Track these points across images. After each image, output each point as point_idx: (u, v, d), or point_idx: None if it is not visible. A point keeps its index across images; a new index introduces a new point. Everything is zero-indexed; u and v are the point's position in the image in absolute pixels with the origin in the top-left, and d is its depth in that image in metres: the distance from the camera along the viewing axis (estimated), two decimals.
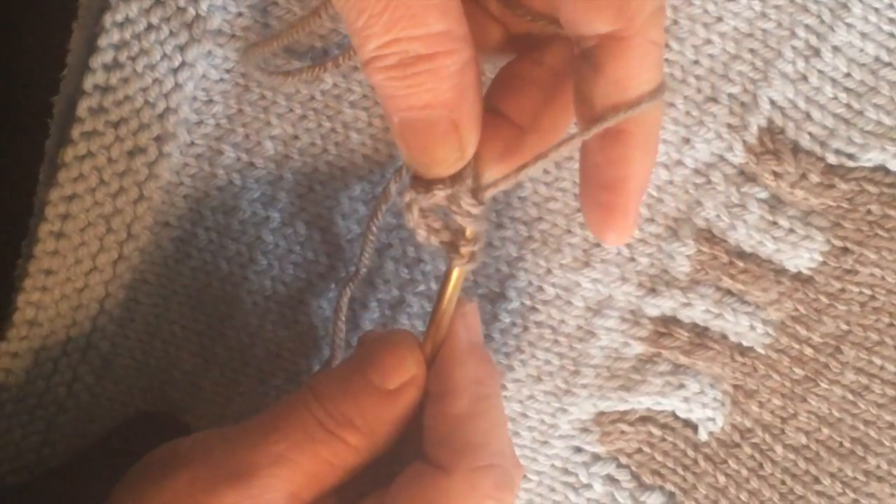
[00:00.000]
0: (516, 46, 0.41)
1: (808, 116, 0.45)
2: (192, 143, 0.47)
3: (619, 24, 0.35)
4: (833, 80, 0.44)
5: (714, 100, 0.45)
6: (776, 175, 0.45)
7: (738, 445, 0.49)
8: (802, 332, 0.47)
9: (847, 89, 0.44)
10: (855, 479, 0.48)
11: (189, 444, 0.41)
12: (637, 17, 0.35)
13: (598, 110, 0.36)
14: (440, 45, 0.35)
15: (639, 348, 0.48)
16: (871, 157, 0.44)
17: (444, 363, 0.40)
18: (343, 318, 0.45)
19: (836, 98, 0.44)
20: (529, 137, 0.39)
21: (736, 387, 0.48)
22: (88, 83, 0.46)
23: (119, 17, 0.45)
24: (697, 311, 0.47)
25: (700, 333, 0.47)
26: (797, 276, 0.46)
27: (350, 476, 0.40)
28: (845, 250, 0.46)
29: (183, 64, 0.46)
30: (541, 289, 0.48)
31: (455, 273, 0.40)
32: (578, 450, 0.50)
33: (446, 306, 0.41)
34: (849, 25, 0.44)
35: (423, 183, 0.38)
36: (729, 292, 0.47)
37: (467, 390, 0.39)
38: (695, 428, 0.49)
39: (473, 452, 0.38)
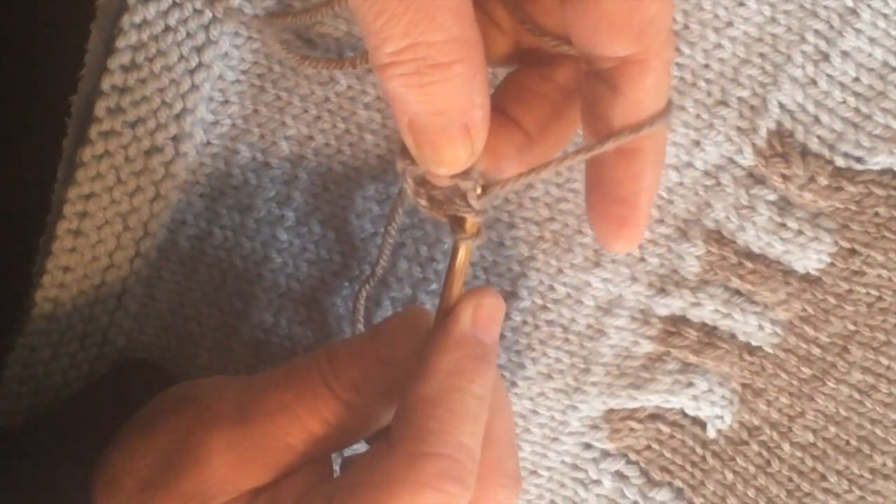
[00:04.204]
0: (524, 59, 0.42)
1: (817, 120, 0.46)
2: (209, 143, 0.49)
3: (639, 47, 0.36)
4: (842, 85, 0.46)
5: (724, 103, 0.47)
6: (785, 177, 0.47)
7: (745, 443, 0.51)
8: (810, 331, 0.49)
9: (855, 94, 0.46)
10: (861, 476, 0.50)
11: (205, 384, 0.43)
12: (655, 40, 0.36)
13: (615, 129, 0.38)
14: (456, 52, 0.35)
15: (648, 347, 0.50)
16: (879, 161, 0.46)
17: (431, 344, 0.40)
18: (361, 319, 0.48)
19: (844, 102, 0.46)
20: (535, 146, 0.41)
21: (744, 385, 0.50)
22: (106, 84, 0.47)
23: (137, 19, 0.47)
24: (706, 310, 0.49)
25: (709, 333, 0.49)
26: (805, 277, 0.48)
27: (345, 441, 0.42)
28: (853, 252, 0.47)
29: (200, 65, 0.48)
30: (552, 288, 0.50)
31: (461, 250, 0.41)
32: (588, 446, 0.52)
33: (454, 284, 0.41)
34: (857, 31, 0.45)
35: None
36: (738, 292, 0.49)
37: (439, 377, 0.39)
38: (703, 425, 0.51)
39: (421, 437, 0.38)
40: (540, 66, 0.41)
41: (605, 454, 0.52)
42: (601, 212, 0.41)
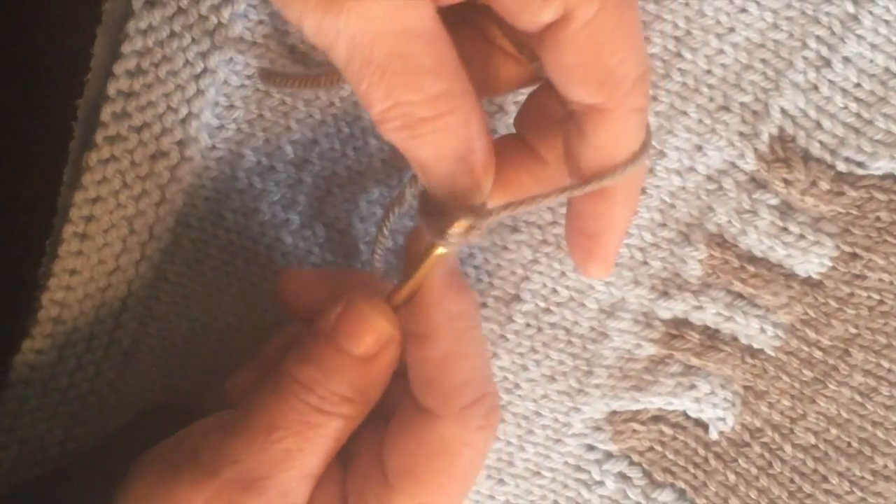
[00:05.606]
0: (542, 81, 0.43)
1: (819, 125, 0.47)
2: (214, 147, 0.50)
3: (601, 97, 0.37)
4: (843, 91, 0.47)
5: (726, 108, 0.47)
6: (787, 182, 0.48)
7: (748, 445, 0.51)
8: (812, 335, 0.50)
9: (857, 99, 0.46)
10: (863, 478, 0.51)
11: (187, 450, 0.42)
12: (619, 89, 0.37)
13: (583, 171, 0.39)
14: (441, 105, 0.36)
15: (651, 350, 0.51)
16: (881, 166, 0.47)
17: (422, 303, 0.40)
18: None
19: (846, 108, 0.47)
20: (550, 168, 0.42)
21: (746, 388, 0.51)
22: (112, 89, 0.48)
23: (142, 25, 0.48)
24: (709, 313, 0.50)
25: (711, 336, 0.50)
26: (807, 281, 0.49)
27: (351, 433, 0.42)
28: (854, 256, 0.48)
29: (205, 70, 0.48)
30: (555, 291, 0.51)
31: (437, 255, 0.41)
32: (591, 448, 0.52)
33: (422, 273, 0.41)
34: (859, 37, 0.46)
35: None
36: (740, 296, 0.49)
37: (446, 330, 0.39)
38: (705, 427, 0.51)
39: (460, 393, 0.39)
40: (555, 92, 0.42)
41: (608, 455, 0.52)
42: (572, 239, 0.42)
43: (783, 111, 0.47)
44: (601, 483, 0.53)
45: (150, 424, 0.52)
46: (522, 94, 0.44)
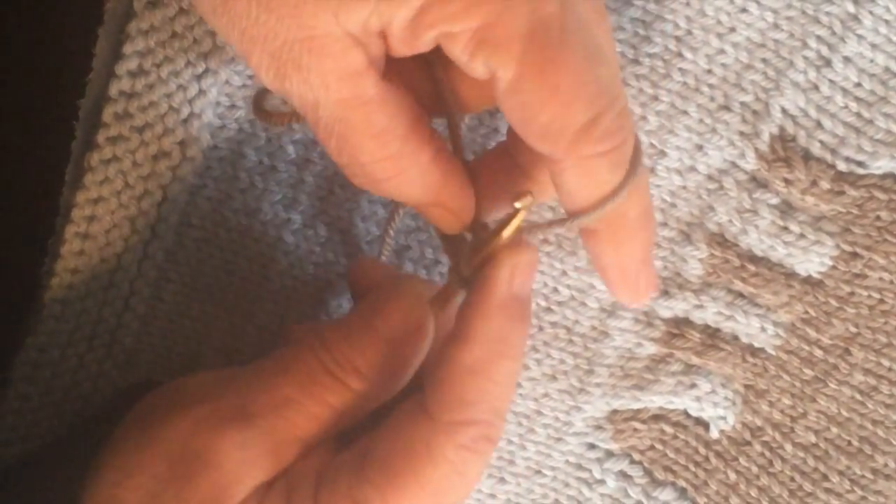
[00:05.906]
0: None
1: (819, 125, 0.47)
2: (216, 147, 0.50)
3: (546, 151, 0.38)
4: (844, 90, 0.47)
5: (727, 108, 0.48)
6: (787, 182, 0.48)
7: (748, 443, 0.52)
8: (812, 334, 0.50)
9: (857, 99, 0.47)
10: (863, 476, 0.51)
11: (196, 383, 0.43)
12: (559, 142, 0.37)
13: (565, 209, 0.41)
14: (391, 168, 0.38)
15: (652, 349, 0.51)
16: (881, 165, 0.47)
17: (473, 309, 0.40)
18: None
19: (846, 107, 0.47)
20: (538, 186, 0.43)
21: (747, 386, 0.51)
22: (114, 89, 0.48)
23: (144, 25, 0.48)
24: (709, 312, 0.50)
25: (712, 335, 0.50)
26: (807, 280, 0.49)
27: (353, 420, 0.42)
28: (855, 255, 0.48)
29: (207, 70, 0.49)
30: (556, 290, 0.51)
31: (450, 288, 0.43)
32: (592, 446, 0.53)
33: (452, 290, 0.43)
34: (859, 37, 0.46)
35: None
36: (740, 295, 0.50)
37: (482, 345, 0.39)
38: (706, 426, 0.52)
39: (462, 408, 0.39)
40: None
41: (609, 454, 0.53)
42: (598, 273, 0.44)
43: (784, 111, 0.47)
44: (602, 482, 0.53)
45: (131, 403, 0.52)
46: None
